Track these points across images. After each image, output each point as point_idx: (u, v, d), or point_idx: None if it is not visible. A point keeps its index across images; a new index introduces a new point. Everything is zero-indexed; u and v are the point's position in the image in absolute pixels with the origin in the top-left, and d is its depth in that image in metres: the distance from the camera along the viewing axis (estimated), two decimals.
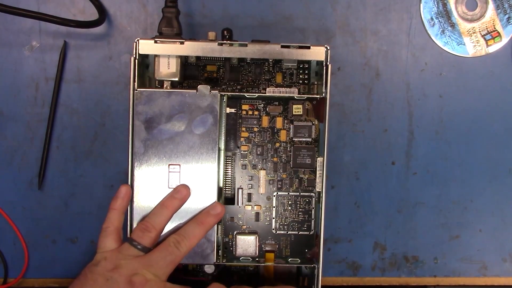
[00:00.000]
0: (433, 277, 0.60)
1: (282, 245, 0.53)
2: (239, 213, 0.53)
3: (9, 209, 0.59)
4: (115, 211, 0.50)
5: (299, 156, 0.53)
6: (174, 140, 0.50)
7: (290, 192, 0.53)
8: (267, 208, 0.53)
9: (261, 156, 0.53)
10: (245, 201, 0.53)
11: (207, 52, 0.51)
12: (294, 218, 0.53)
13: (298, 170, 0.53)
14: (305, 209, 0.53)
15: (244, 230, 0.53)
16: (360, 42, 0.59)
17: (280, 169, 0.53)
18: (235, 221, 0.53)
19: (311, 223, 0.53)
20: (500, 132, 0.60)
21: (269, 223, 0.53)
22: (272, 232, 0.53)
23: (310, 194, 0.53)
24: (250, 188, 0.53)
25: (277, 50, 0.51)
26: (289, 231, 0.53)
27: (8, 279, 0.59)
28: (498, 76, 0.59)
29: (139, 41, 0.50)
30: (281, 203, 0.53)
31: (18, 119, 0.58)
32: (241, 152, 0.53)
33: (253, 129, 0.53)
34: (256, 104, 0.53)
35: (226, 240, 0.53)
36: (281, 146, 0.53)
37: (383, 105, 0.59)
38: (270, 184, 0.53)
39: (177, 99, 0.50)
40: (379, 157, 0.60)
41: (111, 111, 0.59)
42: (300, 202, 0.53)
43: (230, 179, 0.53)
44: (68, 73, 0.58)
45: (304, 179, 0.53)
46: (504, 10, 0.59)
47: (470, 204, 0.60)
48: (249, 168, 0.53)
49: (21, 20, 0.58)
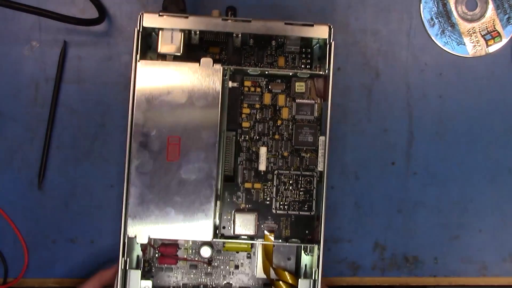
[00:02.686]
0: (433, 277, 0.60)
1: (282, 225, 0.53)
2: (239, 191, 0.53)
3: (9, 209, 0.59)
4: None
5: (301, 134, 0.52)
6: (174, 112, 0.49)
7: (291, 171, 0.52)
8: (268, 187, 0.53)
9: (262, 133, 0.53)
10: (245, 179, 0.52)
11: (210, 27, 0.50)
12: (295, 197, 0.52)
13: (299, 148, 0.52)
14: (306, 188, 0.52)
15: (243, 208, 0.53)
16: (360, 42, 0.59)
17: (281, 147, 0.53)
18: (234, 199, 0.53)
19: (312, 204, 0.52)
20: (500, 132, 0.60)
21: (269, 202, 0.53)
22: (272, 211, 0.53)
23: (312, 174, 0.52)
24: (250, 165, 0.52)
25: (280, 27, 0.50)
26: (290, 211, 0.52)
27: (8, 279, 0.59)
28: (498, 76, 0.59)
29: (144, 15, 0.49)
30: (281, 182, 0.53)
31: (18, 119, 0.58)
32: (242, 128, 0.53)
33: (255, 105, 0.53)
34: (259, 81, 0.53)
35: (225, 218, 0.52)
36: (283, 124, 0.53)
37: (383, 105, 0.59)
38: (271, 162, 0.53)
39: (179, 71, 0.49)
40: (379, 157, 0.60)
41: (111, 111, 0.59)
42: (301, 181, 0.53)
43: (230, 155, 0.52)
44: (68, 73, 0.58)
45: (305, 158, 0.53)
46: (504, 10, 0.59)
47: (470, 204, 0.60)
48: (250, 145, 0.53)
49: (21, 20, 0.58)
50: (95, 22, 0.56)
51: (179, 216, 0.49)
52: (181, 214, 0.49)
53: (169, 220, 0.49)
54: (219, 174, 0.51)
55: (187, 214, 0.49)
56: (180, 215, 0.49)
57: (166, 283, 0.55)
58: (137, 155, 0.49)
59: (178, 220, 0.49)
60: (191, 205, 0.49)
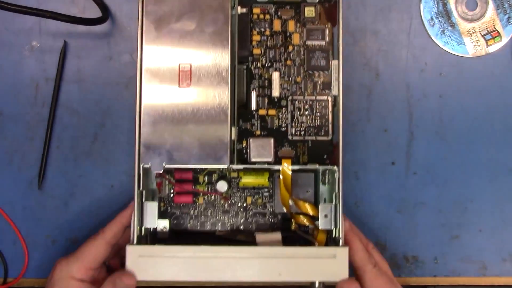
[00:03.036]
0: (433, 277, 0.60)
1: (299, 151, 0.52)
2: (253, 119, 0.52)
3: (9, 209, 0.59)
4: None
5: (313, 58, 0.52)
6: (184, 39, 0.49)
7: (305, 96, 0.52)
8: (282, 114, 0.52)
9: (274, 59, 0.52)
10: (259, 106, 0.52)
11: None
12: (311, 123, 0.52)
13: (313, 73, 0.52)
14: (321, 113, 0.52)
15: (258, 135, 0.52)
16: (360, 42, 0.59)
17: (294, 73, 0.52)
18: (248, 127, 0.52)
19: (329, 128, 0.52)
20: (500, 132, 0.60)
21: (285, 129, 0.52)
22: (288, 138, 0.52)
23: (326, 98, 0.52)
24: (263, 92, 0.52)
25: None
26: (306, 137, 0.52)
27: (8, 279, 0.59)
28: (498, 76, 0.59)
29: None
30: (296, 107, 0.52)
31: (18, 119, 0.58)
32: (254, 55, 0.52)
33: (265, 32, 0.52)
34: (268, 8, 0.52)
35: (240, 146, 0.52)
36: (294, 50, 0.52)
37: (383, 105, 0.59)
38: (284, 88, 0.52)
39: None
40: (379, 157, 0.60)
41: (111, 111, 0.59)
42: (316, 106, 0.52)
43: (242, 83, 0.52)
44: (68, 73, 0.58)
45: (319, 82, 0.52)
46: (504, 10, 0.59)
47: (470, 204, 0.60)
48: (262, 72, 0.52)
49: (21, 20, 0.58)
50: (99, 21, 0.55)
51: (193, 143, 0.48)
52: (196, 142, 0.48)
53: (184, 148, 0.48)
54: (233, 100, 0.50)
55: (202, 141, 0.48)
56: (195, 142, 0.48)
57: (183, 223, 0.54)
58: (148, 83, 0.48)
59: (193, 147, 0.48)
60: (205, 132, 0.48)
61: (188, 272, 0.47)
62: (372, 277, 0.50)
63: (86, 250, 0.50)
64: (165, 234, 0.52)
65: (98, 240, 0.50)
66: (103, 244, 0.50)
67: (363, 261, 0.50)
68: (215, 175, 0.55)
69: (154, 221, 0.50)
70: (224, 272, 0.47)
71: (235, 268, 0.47)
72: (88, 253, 0.50)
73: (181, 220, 0.54)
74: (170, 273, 0.47)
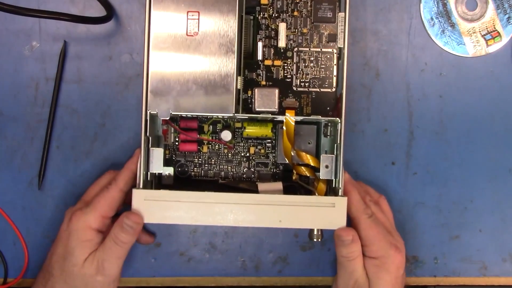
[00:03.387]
0: (433, 277, 0.60)
1: (303, 102, 0.53)
2: (259, 69, 0.52)
3: (9, 209, 0.59)
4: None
5: (320, 10, 0.52)
6: None
7: (311, 48, 0.52)
8: (288, 65, 0.52)
9: (281, 10, 0.52)
10: (265, 56, 0.52)
11: None
12: (315, 74, 0.53)
13: (319, 25, 0.52)
14: (326, 65, 0.53)
15: (263, 85, 0.52)
16: (360, 42, 0.59)
17: (300, 24, 0.52)
18: (254, 77, 0.52)
19: (333, 80, 0.53)
20: (500, 132, 0.60)
21: (290, 79, 0.53)
22: (293, 89, 0.53)
23: (332, 50, 0.53)
24: (269, 43, 0.52)
25: None
26: (310, 88, 0.52)
27: (8, 279, 0.59)
28: (498, 76, 0.59)
29: None
30: (301, 59, 0.52)
31: (18, 119, 0.58)
32: (261, 5, 0.52)
33: None
34: None
35: (245, 96, 0.52)
36: (302, 1, 0.52)
37: (383, 105, 0.59)
38: (290, 39, 0.53)
39: None
40: (379, 157, 0.60)
41: (111, 111, 0.59)
42: (321, 58, 0.52)
43: (249, 33, 0.52)
44: (68, 73, 0.58)
45: (325, 34, 0.53)
46: (504, 10, 0.59)
47: (470, 204, 0.60)
48: (269, 22, 0.52)
49: (21, 20, 0.58)
50: (103, 20, 0.55)
51: (200, 91, 0.49)
52: (202, 89, 0.49)
53: (190, 96, 0.49)
54: (240, 48, 0.51)
55: (208, 89, 0.49)
56: (201, 90, 0.49)
57: (187, 171, 0.56)
58: (155, 30, 0.49)
59: (199, 95, 0.49)
60: (212, 80, 0.49)
61: (192, 216, 0.49)
62: (367, 227, 0.51)
63: (101, 199, 0.51)
64: (170, 180, 0.54)
65: (112, 189, 0.52)
66: (117, 192, 0.52)
67: (358, 212, 0.52)
68: (220, 125, 0.56)
69: (160, 166, 0.51)
70: (226, 217, 0.49)
71: (237, 213, 0.49)
72: (104, 202, 0.51)
73: (185, 168, 0.56)
74: (174, 216, 0.49)
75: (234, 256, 0.60)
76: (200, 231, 0.60)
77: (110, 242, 0.51)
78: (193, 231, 0.60)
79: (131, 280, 0.60)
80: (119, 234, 0.50)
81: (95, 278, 0.51)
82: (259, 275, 0.60)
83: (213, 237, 0.60)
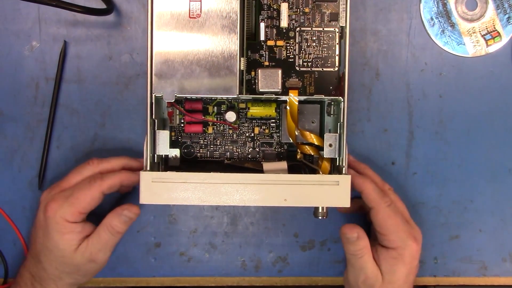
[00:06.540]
0: (433, 277, 0.60)
1: (306, 82, 0.53)
2: (261, 49, 0.53)
3: (9, 209, 0.59)
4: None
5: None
6: None
7: (313, 28, 0.53)
8: (290, 45, 0.53)
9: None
10: (267, 37, 0.53)
11: None
12: (318, 54, 0.53)
13: (321, 4, 0.53)
14: (328, 45, 0.53)
15: (266, 66, 0.53)
16: (360, 42, 0.59)
17: (302, 3, 0.53)
18: (257, 58, 0.53)
19: (335, 59, 0.53)
20: (500, 132, 0.60)
21: (293, 59, 0.53)
22: (296, 69, 0.53)
23: (334, 30, 0.53)
24: (272, 23, 0.53)
25: None
26: (313, 68, 0.53)
27: (8, 279, 0.59)
28: (498, 76, 0.59)
29: None
30: (304, 39, 0.53)
31: (18, 119, 0.58)
32: None
33: None
34: None
35: (249, 77, 0.53)
36: None
37: (383, 105, 0.59)
38: (292, 19, 0.53)
39: None
40: (379, 157, 0.60)
41: (111, 111, 0.59)
42: (323, 37, 0.53)
43: (251, 14, 0.52)
44: (68, 73, 0.58)
45: (327, 13, 0.53)
46: (504, 10, 0.59)
47: (470, 204, 0.60)
48: (271, 2, 0.53)
49: (21, 19, 0.58)
50: (104, 12, 0.55)
51: (204, 73, 0.50)
52: (206, 71, 0.50)
53: (195, 78, 0.50)
54: (242, 29, 0.51)
55: (212, 71, 0.50)
56: (205, 72, 0.50)
57: (193, 152, 0.56)
58: (158, 14, 0.49)
59: (203, 77, 0.50)
60: (215, 61, 0.50)
61: (198, 196, 0.49)
62: (386, 216, 0.51)
63: (81, 196, 0.51)
64: (176, 162, 0.55)
65: (95, 188, 0.51)
66: (98, 193, 0.51)
67: (376, 200, 0.51)
68: (224, 106, 0.56)
69: (166, 148, 0.52)
70: (233, 197, 0.49)
71: (243, 193, 0.49)
72: (83, 200, 0.51)
73: (191, 149, 0.56)
74: (181, 197, 0.49)
75: (234, 256, 0.60)
76: (200, 231, 0.60)
77: (105, 233, 0.52)
78: (193, 231, 0.60)
79: (131, 280, 0.60)
80: (116, 225, 0.52)
81: (87, 265, 0.52)
82: (259, 275, 0.60)
83: (213, 237, 0.60)
